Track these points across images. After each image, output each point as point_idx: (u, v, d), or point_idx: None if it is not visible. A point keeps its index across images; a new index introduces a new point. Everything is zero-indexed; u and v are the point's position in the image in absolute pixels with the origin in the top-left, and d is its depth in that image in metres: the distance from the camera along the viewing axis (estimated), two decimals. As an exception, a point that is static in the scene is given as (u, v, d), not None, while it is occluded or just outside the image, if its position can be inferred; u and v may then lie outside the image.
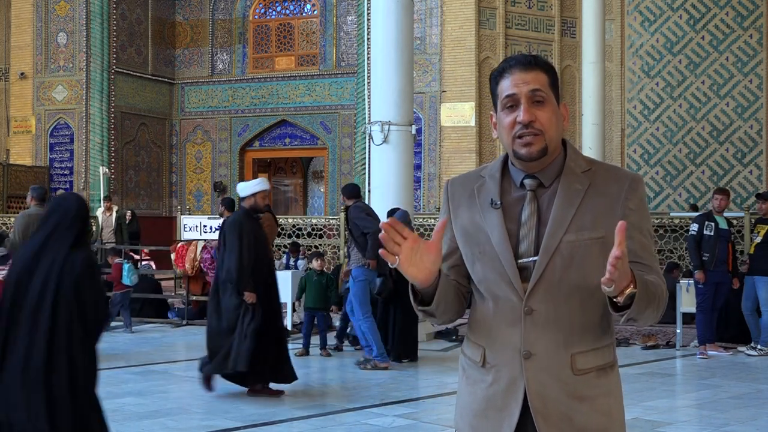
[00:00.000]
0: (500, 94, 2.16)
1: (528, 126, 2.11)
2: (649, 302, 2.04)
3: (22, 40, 20.85)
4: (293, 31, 22.11)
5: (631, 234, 2.13)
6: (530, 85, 2.12)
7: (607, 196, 2.15)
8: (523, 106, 2.11)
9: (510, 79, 2.14)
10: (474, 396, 2.21)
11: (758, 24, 18.15)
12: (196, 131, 22.73)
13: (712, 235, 9.68)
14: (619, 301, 1.99)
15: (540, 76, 2.14)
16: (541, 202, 2.16)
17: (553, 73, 2.18)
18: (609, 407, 2.16)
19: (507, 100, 2.14)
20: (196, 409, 6.96)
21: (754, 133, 18.10)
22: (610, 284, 1.93)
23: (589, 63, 16.02)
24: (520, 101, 2.12)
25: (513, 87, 2.13)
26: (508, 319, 2.14)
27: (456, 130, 17.72)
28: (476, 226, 2.19)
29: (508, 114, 2.14)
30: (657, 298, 2.08)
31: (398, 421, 6.50)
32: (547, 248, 2.11)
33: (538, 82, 2.13)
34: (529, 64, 2.15)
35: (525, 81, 2.12)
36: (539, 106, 2.13)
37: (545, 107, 2.13)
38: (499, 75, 2.18)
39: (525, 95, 2.12)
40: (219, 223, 12.20)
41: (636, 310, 2.01)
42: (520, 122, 2.11)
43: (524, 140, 2.12)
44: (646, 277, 2.07)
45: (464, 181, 2.28)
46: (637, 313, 2.02)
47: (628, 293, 1.98)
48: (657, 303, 2.08)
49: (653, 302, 2.06)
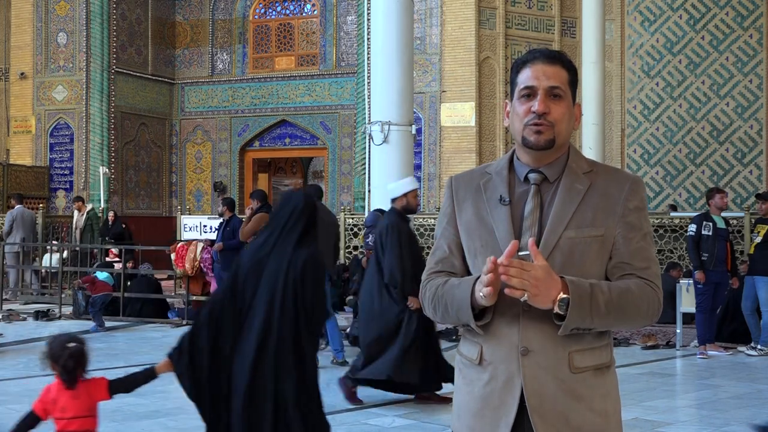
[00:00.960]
0: (519, 84, 2.20)
1: (541, 117, 2.14)
2: (599, 311, 2.05)
3: (22, 40, 20.85)
4: (293, 31, 22.11)
5: (628, 236, 2.15)
6: (550, 81, 2.16)
7: (608, 196, 2.16)
8: (540, 97, 2.15)
9: (531, 70, 2.18)
10: (471, 395, 2.20)
11: (758, 24, 18.15)
12: (196, 131, 22.73)
13: (711, 234, 9.68)
14: (554, 310, 2.03)
15: (561, 73, 2.18)
16: (545, 198, 2.18)
17: (574, 72, 2.22)
18: (605, 408, 2.16)
19: (525, 90, 2.17)
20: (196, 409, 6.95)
21: (754, 133, 18.10)
22: (521, 294, 2.00)
23: (589, 63, 16.02)
24: (538, 93, 2.15)
25: (533, 79, 2.16)
26: (506, 314, 2.13)
27: (456, 130, 17.72)
28: (481, 221, 2.20)
29: (524, 103, 2.18)
30: (622, 305, 2.08)
31: (398, 421, 6.50)
32: (547, 244, 2.12)
33: (559, 78, 2.17)
34: (554, 58, 2.19)
35: (546, 75, 2.16)
36: (555, 101, 2.16)
37: (561, 103, 2.16)
38: (521, 65, 2.21)
39: (543, 89, 2.15)
40: (219, 223, 12.21)
41: (576, 319, 2.03)
42: (534, 112, 2.15)
43: (535, 128, 2.15)
44: (613, 284, 2.09)
45: (469, 177, 2.30)
46: (580, 321, 2.04)
47: (560, 299, 2.01)
48: (623, 311, 2.08)
49: (614, 310, 2.07)
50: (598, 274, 2.13)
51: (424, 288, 2.28)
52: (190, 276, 12.48)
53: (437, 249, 2.30)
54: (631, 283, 2.11)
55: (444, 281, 2.22)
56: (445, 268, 2.26)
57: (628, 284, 2.11)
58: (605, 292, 2.07)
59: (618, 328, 2.11)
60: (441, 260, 2.28)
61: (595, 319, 2.06)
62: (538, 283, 2.00)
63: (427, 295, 2.26)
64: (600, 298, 2.05)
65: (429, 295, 2.25)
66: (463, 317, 2.15)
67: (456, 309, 2.16)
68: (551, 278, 2.01)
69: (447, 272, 2.25)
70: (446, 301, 2.18)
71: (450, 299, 2.17)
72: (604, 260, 2.13)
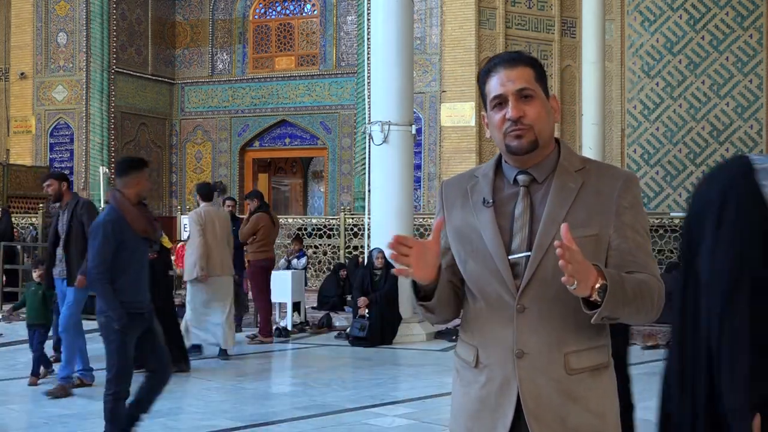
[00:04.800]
0: (489, 94, 2.19)
1: (517, 122, 2.13)
2: (627, 299, 2.03)
3: (22, 40, 20.86)
4: (293, 31, 22.11)
5: (625, 233, 2.14)
6: (516, 84, 2.14)
7: (601, 194, 2.15)
8: (511, 103, 2.13)
9: (496, 78, 2.16)
10: (468, 397, 2.20)
11: (758, 24, 18.15)
12: (196, 131, 22.73)
13: None
14: (591, 297, 1.99)
15: (525, 72, 2.16)
16: (534, 198, 2.16)
17: (538, 67, 2.20)
18: (603, 408, 2.15)
19: (495, 99, 2.17)
20: (196, 409, 6.96)
21: (754, 133, 18.10)
22: (571, 282, 1.94)
23: (589, 63, 16.02)
24: (508, 99, 2.14)
25: (500, 87, 2.15)
26: (500, 318, 2.13)
27: (456, 130, 17.73)
28: (469, 226, 2.19)
29: (498, 112, 2.16)
30: (641, 296, 2.07)
31: (398, 421, 6.50)
32: (540, 245, 2.10)
33: (524, 79, 2.15)
34: (513, 60, 2.17)
35: (511, 79, 2.15)
36: (528, 102, 2.14)
37: (533, 102, 2.15)
38: (485, 75, 2.20)
39: (512, 93, 2.14)
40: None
41: (610, 306, 2.00)
42: (509, 119, 2.13)
43: (514, 133, 2.14)
44: (629, 275, 2.08)
45: (458, 182, 2.29)
46: (612, 309, 2.01)
47: (599, 287, 1.98)
48: (641, 301, 2.07)
49: (635, 300, 2.05)
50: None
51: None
52: (190, 276, 12.47)
53: None
54: (641, 276, 2.10)
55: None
56: None
57: (640, 276, 2.10)
58: (629, 280, 2.06)
59: (631, 321, 2.10)
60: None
61: (624, 308, 2.04)
62: (582, 268, 1.95)
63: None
64: (627, 287, 2.04)
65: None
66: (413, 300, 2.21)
67: (413, 295, 2.21)
68: (589, 265, 1.98)
69: None
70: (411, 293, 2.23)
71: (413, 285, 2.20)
72: (600, 260, 2.12)
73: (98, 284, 5.33)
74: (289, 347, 10.30)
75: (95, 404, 6.26)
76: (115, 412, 5.33)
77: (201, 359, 9.21)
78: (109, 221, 5.39)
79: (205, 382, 8.20)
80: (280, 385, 8.36)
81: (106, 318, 5.28)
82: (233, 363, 9.25)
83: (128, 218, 5.42)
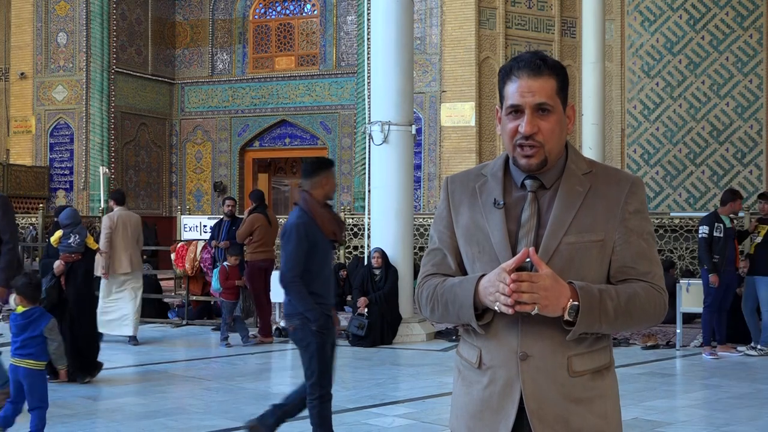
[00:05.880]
0: (506, 98, 2.14)
1: (529, 138, 2.10)
2: (608, 317, 2.05)
3: (22, 40, 20.86)
4: (293, 31, 22.11)
5: (630, 239, 2.14)
6: (536, 98, 2.09)
7: (607, 198, 2.14)
8: (527, 117, 2.09)
9: (517, 85, 2.11)
10: (470, 397, 2.20)
11: (758, 24, 18.14)
12: (196, 131, 22.73)
13: (722, 236, 9.65)
14: (564, 317, 2.03)
15: (548, 84, 2.11)
16: (542, 203, 2.15)
17: (563, 76, 2.15)
18: (605, 409, 2.15)
19: (511, 108, 2.12)
20: (196, 409, 6.96)
21: (754, 133, 18.09)
22: (531, 309, 1.99)
23: (589, 63, 16.01)
24: (525, 111, 2.10)
25: (519, 96, 2.10)
26: (504, 320, 2.12)
27: (456, 130, 17.73)
28: (477, 226, 2.18)
29: (512, 120, 2.12)
30: (629, 312, 2.08)
31: (398, 421, 6.50)
32: (546, 249, 2.10)
33: (545, 91, 2.10)
34: (539, 68, 2.11)
35: (531, 91, 2.09)
36: (544, 116, 2.11)
37: (550, 118, 2.11)
38: (506, 75, 2.15)
39: (530, 106, 2.10)
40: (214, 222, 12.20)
41: (584, 325, 2.03)
42: (521, 133, 2.10)
43: (524, 152, 2.11)
44: (620, 288, 2.09)
45: (464, 179, 2.27)
46: (588, 326, 2.04)
47: (570, 307, 2.01)
48: (629, 317, 2.09)
49: (620, 317, 2.07)
50: (597, 278, 2.12)
51: (420, 288, 2.26)
52: (190, 276, 12.49)
53: (433, 252, 2.28)
54: (637, 287, 2.10)
55: (442, 280, 2.20)
56: (440, 270, 2.24)
57: (635, 288, 2.10)
58: (614, 297, 2.06)
59: (624, 331, 2.11)
60: (437, 263, 2.25)
61: (604, 325, 2.06)
62: (547, 293, 1.98)
63: (425, 294, 2.23)
64: (609, 304, 2.04)
65: (426, 294, 2.22)
66: (465, 316, 2.13)
67: (458, 307, 2.13)
68: (559, 285, 2.00)
69: (443, 275, 2.23)
70: (446, 300, 2.16)
71: (451, 297, 2.15)
72: (604, 265, 2.12)
73: (293, 287, 5.13)
74: (289, 347, 10.28)
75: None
76: (323, 415, 5.23)
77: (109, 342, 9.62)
78: (301, 224, 5.18)
79: (205, 382, 8.20)
80: (280, 385, 8.35)
81: (301, 320, 5.12)
82: (233, 363, 9.26)
83: (318, 221, 5.22)
